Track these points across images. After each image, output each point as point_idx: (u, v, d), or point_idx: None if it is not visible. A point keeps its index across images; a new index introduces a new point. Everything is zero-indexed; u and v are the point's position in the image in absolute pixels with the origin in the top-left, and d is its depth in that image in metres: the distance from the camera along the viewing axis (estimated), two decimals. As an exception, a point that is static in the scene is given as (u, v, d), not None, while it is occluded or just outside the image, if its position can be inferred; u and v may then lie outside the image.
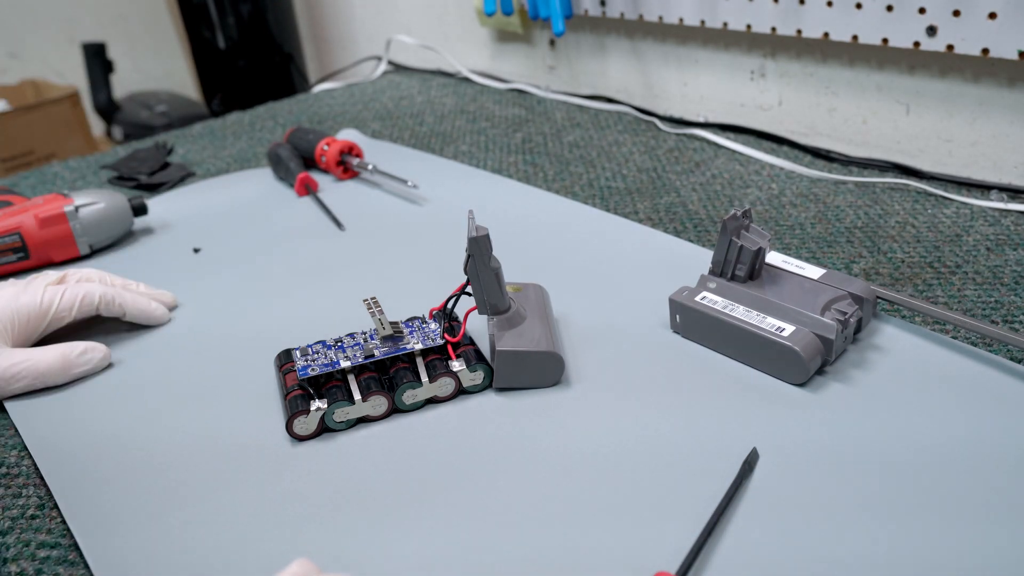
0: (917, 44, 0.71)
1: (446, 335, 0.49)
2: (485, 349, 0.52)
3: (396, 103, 1.11)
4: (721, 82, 0.92)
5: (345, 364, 0.47)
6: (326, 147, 0.83)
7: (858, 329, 0.51)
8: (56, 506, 0.44)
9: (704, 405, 0.46)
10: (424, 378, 0.48)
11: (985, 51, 0.67)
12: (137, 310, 0.58)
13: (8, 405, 0.51)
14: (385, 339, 0.49)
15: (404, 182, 0.76)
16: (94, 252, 0.71)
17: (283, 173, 0.83)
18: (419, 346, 0.49)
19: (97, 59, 1.98)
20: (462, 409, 0.48)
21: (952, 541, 0.37)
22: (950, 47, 0.69)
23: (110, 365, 0.55)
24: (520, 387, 0.49)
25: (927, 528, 0.37)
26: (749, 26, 0.83)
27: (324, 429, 0.47)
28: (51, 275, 0.57)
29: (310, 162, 0.85)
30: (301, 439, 0.46)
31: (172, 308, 0.61)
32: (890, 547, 0.36)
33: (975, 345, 0.50)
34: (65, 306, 0.55)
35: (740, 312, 0.50)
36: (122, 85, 2.12)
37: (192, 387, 0.52)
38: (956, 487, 0.39)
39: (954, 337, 0.51)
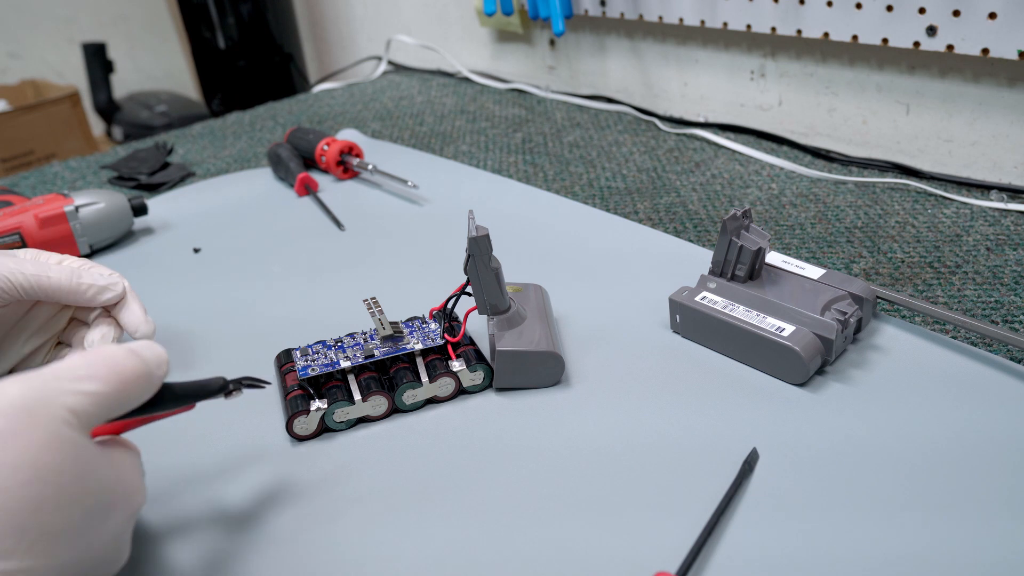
0: (917, 44, 0.71)
1: (446, 335, 0.49)
2: (485, 349, 0.52)
3: (396, 103, 1.11)
4: (721, 82, 0.92)
5: (345, 364, 0.47)
6: (326, 147, 0.83)
7: (858, 329, 0.51)
8: (56, 506, 0.44)
9: (704, 405, 0.46)
10: (424, 378, 0.48)
11: (985, 51, 0.67)
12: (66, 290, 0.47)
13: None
14: (385, 339, 0.49)
15: (404, 182, 0.76)
16: (94, 252, 0.71)
17: (283, 173, 0.83)
18: (419, 346, 0.49)
19: (97, 59, 1.98)
20: (462, 409, 0.48)
21: (952, 540, 0.37)
22: (950, 47, 0.69)
23: None
24: (520, 387, 0.49)
25: (927, 528, 0.37)
26: (749, 26, 0.83)
27: (324, 429, 0.47)
28: None
29: (310, 162, 0.85)
30: (301, 439, 0.46)
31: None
32: (890, 546, 0.36)
33: (975, 345, 0.50)
34: None
35: (740, 312, 0.50)
36: (122, 85, 2.13)
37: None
38: (956, 487, 0.39)
39: (954, 337, 0.51)
